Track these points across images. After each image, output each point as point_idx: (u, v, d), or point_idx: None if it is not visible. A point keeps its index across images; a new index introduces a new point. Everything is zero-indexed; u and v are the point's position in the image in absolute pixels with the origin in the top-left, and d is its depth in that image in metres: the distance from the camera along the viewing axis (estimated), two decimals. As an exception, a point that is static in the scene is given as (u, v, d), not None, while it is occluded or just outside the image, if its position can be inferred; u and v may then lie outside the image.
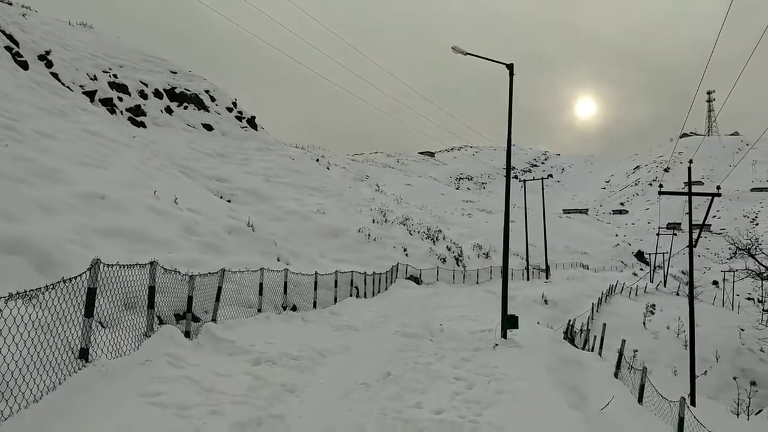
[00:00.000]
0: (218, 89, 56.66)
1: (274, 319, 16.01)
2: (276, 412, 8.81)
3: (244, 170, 42.73)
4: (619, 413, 12.14)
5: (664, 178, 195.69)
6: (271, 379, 10.28)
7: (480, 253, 58.46)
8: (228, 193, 35.94)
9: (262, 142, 53.25)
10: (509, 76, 19.49)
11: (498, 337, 17.17)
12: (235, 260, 19.20)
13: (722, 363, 31.69)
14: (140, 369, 9.03)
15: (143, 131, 41.12)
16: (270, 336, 13.61)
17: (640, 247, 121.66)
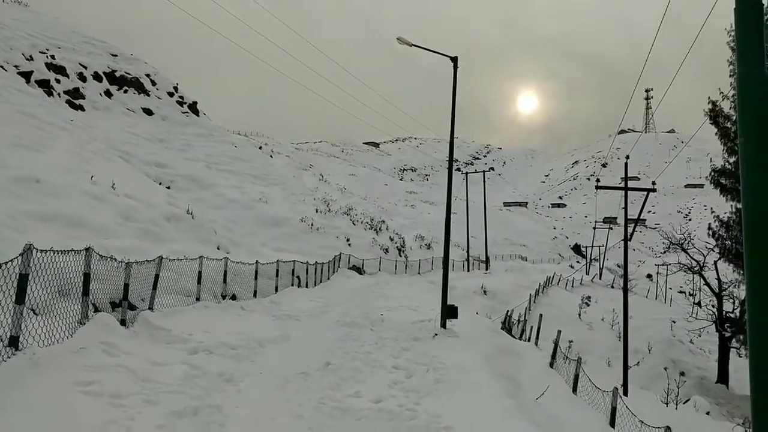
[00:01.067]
0: (159, 73, 55.44)
1: (212, 308, 15.83)
2: (213, 402, 8.74)
3: (184, 156, 42.02)
4: (554, 402, 12.42)
5: (602, 173, 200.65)
6: (208, 369, 10.18)
7: (422, 244, 58.90)
8: (167, 180, 35.30)
9: (204, 128, 52.39)
10: (453, 69, 19.62)
11: (438, 327, 17.34)
12: (174, 248, 18.88)
13: (654, 354, 32.72)
14: (73, 357, 8.83)
15: (82, 114, 39.97)
16: (208, 325, 13.46)
17: (577, 240, 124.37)
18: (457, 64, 19.55)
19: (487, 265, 61.12)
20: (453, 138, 19.85)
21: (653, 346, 33.40)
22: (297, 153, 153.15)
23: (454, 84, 19.63)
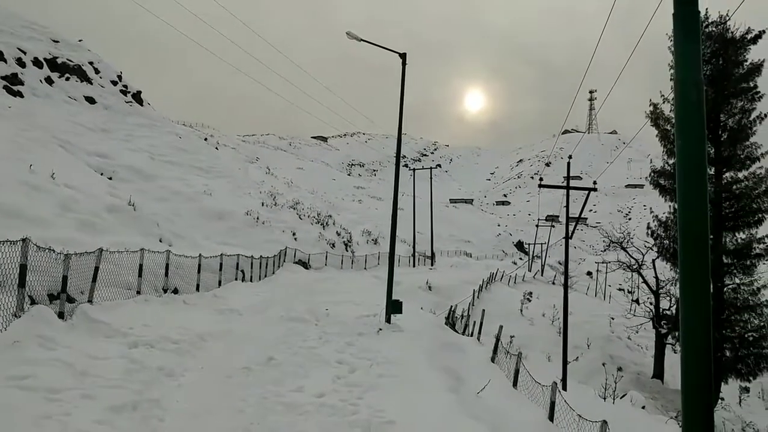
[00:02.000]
0: (103, 61, 54.08)
1: (153, 302, 15.58)
2: (153, 396, 8.63)
3: (127, 147, 41.09)
4: (495, 397, 12.59)
5: (545, 172, 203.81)
6: (148, 363, 10.04)
7: (369, 239, 58.94)
8: (109, 170, 34.47)
9: (148, 118, 51.33)
10: (402, 66, 19.68)
11: (382, 322, 17.40)
12: (115, 240, 18.52)
13: (593, 349, 33.46)
14: (8, 351, 8.60)
15: (20, 101, 38.70)
16: (149, 319, 13.25)
17: (521, 237, 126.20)
18: (405, 61, 19.61)
19: (432, 260, 61.55)
20: (401, 134, 19.92)
21: (592, 342, 34.15)
22: (243, 145, 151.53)
23: (402, 80, 19.68)
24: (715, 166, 30.59)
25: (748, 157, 30.51)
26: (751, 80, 30.85)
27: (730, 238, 30.71)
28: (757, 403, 35.83)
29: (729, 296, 30.31)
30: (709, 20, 31.34)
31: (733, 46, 30.71)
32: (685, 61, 4.67)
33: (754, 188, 30.13)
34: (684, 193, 4.50)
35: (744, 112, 30.88)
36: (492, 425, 10.13)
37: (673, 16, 4.73)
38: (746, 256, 30.22)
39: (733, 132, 30.60)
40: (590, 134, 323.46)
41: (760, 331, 29.86)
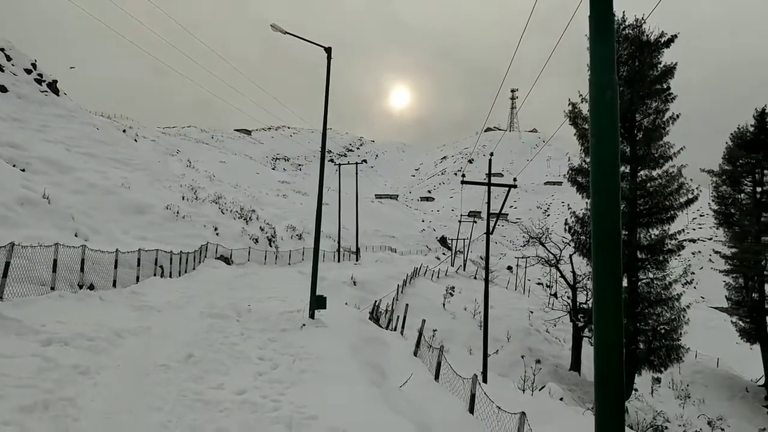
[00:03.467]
0: (15, 48, 51.85)
1: (68, 298, 15.07)
2: (66, 395, 8.35)
3: (41, 138, 39.53)
4: (417, 390, 12.72)
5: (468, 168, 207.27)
6: (62, 361, 9.69)
7: (293, 234, 58.53)
8: (22, 162, 33.07)
9: (64, 108, 49.51)
10: (327, 60, 19.60)
11: (306, 318, 17.31)
12: (28, 234, 17.82)
13: (513, 342, 34.19)
14: None
15: None
16: (63, 315, 12.80)
17: (444, 232, 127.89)
18: (330, 55, 19.54)
19: (357, 256, 61.67)
20: (326, 129, 19.84)
21: (512, 335, 34.89)
22: (164, 137, 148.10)
23: (327, 74, 19.61)
24: (631, 165, 31.67)
25: (662, 156, 31.72)
26: (664, 82, 32.08)
27: (644, 234, 31.85)
28: (668, 393, 37.39)
29: (643, 290, 31.45)
30: (626, 23, 32.39)
31: (648, 48, 31.84)
32: (600, 61, 4.81)
33: (667, 186, 31.33)
34: (597, 190, 4.64)
35: (658, 113, 32.10)
36: (414, 418, 10.23)
37: (589, 19, 4.86)
38: (659, 252, 31.42)
39: (647, 131, 31.75)
40: (511, 132, 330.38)
41: (671, 324, 31.12)
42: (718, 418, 34.27)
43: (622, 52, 31.59)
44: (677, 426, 30.58)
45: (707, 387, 40.52)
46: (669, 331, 31.02)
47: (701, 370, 44.15)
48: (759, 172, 43.54)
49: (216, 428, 8.25)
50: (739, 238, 44.15)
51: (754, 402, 40.19)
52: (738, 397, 40.36)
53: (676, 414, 33.16)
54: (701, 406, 36.27)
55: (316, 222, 19.49)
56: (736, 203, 44.76)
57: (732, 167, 44.70)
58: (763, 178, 43.45)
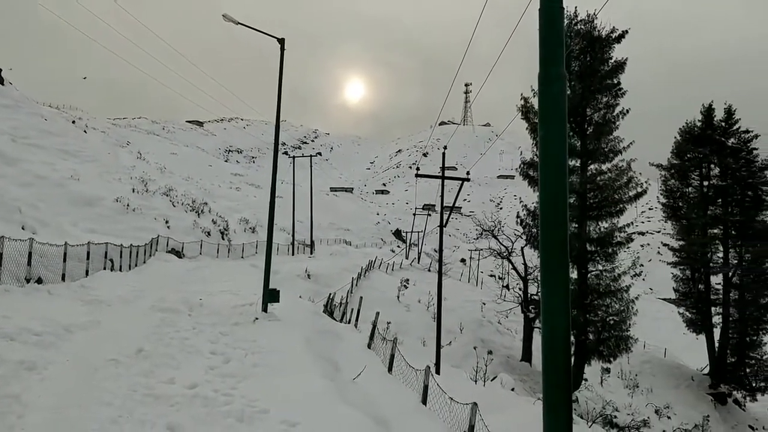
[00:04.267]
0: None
1: (15, 292, 14.72)
2: (12, 392, 8.17)
3: (-16, 128, 38.44)
4: (370, 382, 12.77)
5: (423, 162, 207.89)
6: (7, 356, 9.47)
7: (247, 227, 58.06)
8: (-35, 153, 32.16)
9: (10, 98, 48.13)
10: (280, 51, 19.46)
11: (259, 311, 17.21)
12: (-30, 227, 17.31)
13: (466, 334, 34.49)
14: None
15: None
16: (9, 310, 12.48)
17: (399, 225, 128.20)
18: (284, 46, 19.40)
19: (312, 249, 61.45)
20: (279, 120, 19.72)
21: (465, 327, 35.19)
22: (114, 129, 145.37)
23: (280, 66, 19.48)
24: (581, 158, 32.17)
25: (612, 150, 32.27)
26: (615, 77, 32.62)
27: (593, 227, 32.41)
28: (617, 382, 38.20)
29: (593, 282, 32.03)
30: (578, 18, 32.83)
31: (600, 44, 32.34)
32: (549, 55, 4.87)
33: (617, 180, 31.91)
34: (545, 183, 4.70)
35: (608, 107, 32.64)
36: (367, 410, 10.27)
37: (539, 12, 4.92)
38: (608, 244, 32.01)
39: (598, 126, 32.26)
40: (465, 126, 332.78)
41: (620, 315, 31.76)
42: (665, 407, 35.19)
43: (574, 47, 32.01)
44: (626, 415, 31.28)
45: (655, 376, 41.51)
46: (618, 322, 31.65)
47: (649, 359, 45.18)
48: (706, 166, 44.65)
49: (167, 423, 8.17)
50: (686, 230, 45.23)
51: (699, 390, 41.36)
52: (684, 386, 41.47)
53: (625, 403, 33.91)
54: (649, 395, 37.16)
55: (269, 215, 19.37)
56: (684, 197, 45.83)
57: (680, 161, 45.73)
58: (710, 172, 44.58)
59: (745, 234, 42.50)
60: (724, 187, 43.34)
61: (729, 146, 43.77)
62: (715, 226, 43.57)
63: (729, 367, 41.96)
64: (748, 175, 42.96)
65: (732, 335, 42.28)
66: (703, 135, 44.33)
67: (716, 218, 43.24)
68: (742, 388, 41.58)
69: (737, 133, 43.92)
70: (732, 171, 43.31)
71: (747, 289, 42.40)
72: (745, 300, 42.12)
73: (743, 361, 41.49)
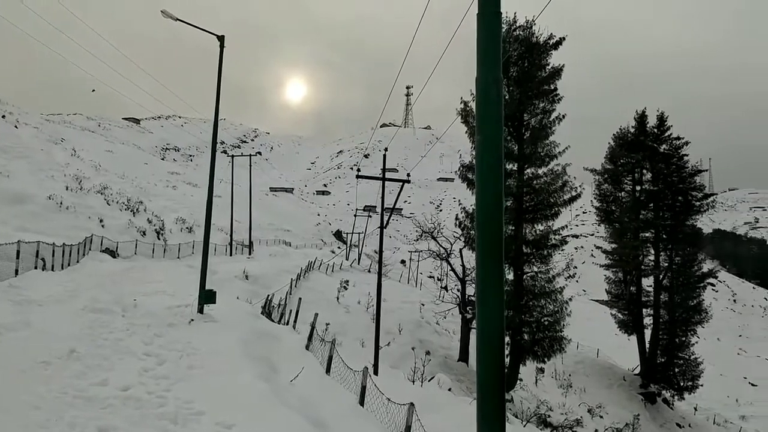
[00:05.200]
0: None
1: (-63, 293, 14.16)
2: (-67, 396, 7.86)
3: None
4: (308, 384, 12.73)
5: (364, 163, 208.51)
6: (-72, 360, 9.12)
7: (183, 227, 57.08)
8: None
9: (-66, 90, 46.33)
10: (220, 48, 19.27)
11: (195, 313, 16.99)
12: None
13: (404, 335, 34.68)
14: None
15: None
16: (-69, 311, 12.02)
17: (339, 226, 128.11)
18: (223, 44, 19.23)
19: (250, 249, 60.82)
20: (217, 119, 19.49)
21: (404, 328, 35.39)
22: (47, 125, 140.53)
23: (220, 63, 19.29)
24: (518, 162, 32.71)
25: (548, 155, 32.91)
26: (552, 83, 33.28)
27: (529, 229, 33.00)
28: (551, 382, 39.01)
29: (528, 283, 32.60)
30: (517, 24, 33.37)
31: (538, 50, 32.94)
32: (486, 59, 4.95)
33: (552, 184, 32.56)
34: (482, 186, 4.79)
35: (545, 113, 33.28)
36: (304, 412, 10.25)
37: (477, 16, 5.00)
38: (543, 246, 32.65)
39: (534, 131, 32.87)
40: (406, 129, 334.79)
41: (554, 315, 32.42)
42: (597, 406, 36.09)
43: (512, 53, 32.52)
44: (560, 414, 31.97)
45: (588, 376, 42.54)
46: (552, 322, 32.29)
47: (582, 360, 46.26)
48: (638, 171, 45.97)
49: (98, 425, 8.00)
50: (618, 234, 46.43)
51: (630, 390, 42.57)
52: (616, 386, 42.61)
53: (559, 402, 34.66)
54: (582, 395, 38.06)
55: (207, 214, 19.14)
56: (617, 201, 47.07)
57: (613, 166, 46.93)
58: (642, 177, 45.92)
59: (675, 238, 43.94)
60: (656, 191, 44.70)
61: (661, 152, 45.14)
62: (646, 229, 44.88)
63: (659, 367, 43.29)
64: (678, 180, 44.40)
65: (662, 336, 43.62)
66: (636, 141, 45.58)
67: (648, 222, 44.55)
68: (671, 387, 42.98)
69: (669, 139, 45.35)
70: (663, 176, 44.67)
71: (676, 292, 43.83)
72: (674, 302, 43.52)
73: (672, 361, 42.86)
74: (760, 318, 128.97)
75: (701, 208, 44.42)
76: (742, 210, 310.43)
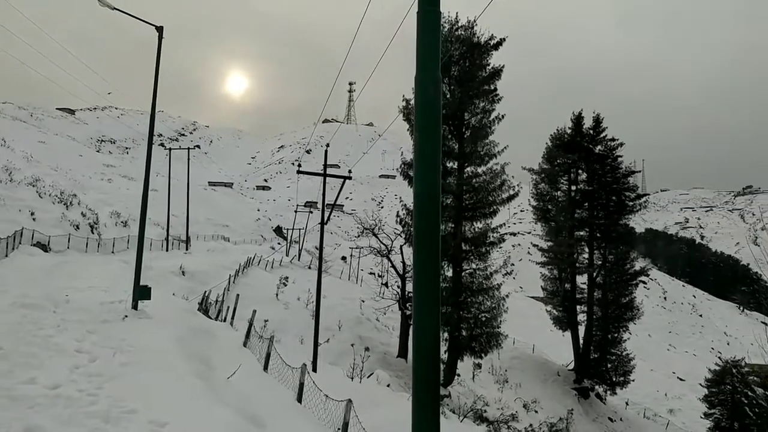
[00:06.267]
0: None
1: None
2: None
3: None
4: (245, 381, 12.60)
5: (306, 158, 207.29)
6: None
7: (118, 221, 55.79)
8: None
9: None
10: (158, 39, 18.89)
11: (129, 309, 16.64)
12: None
13: (344, 331, 34.68)
14: None
15: None
16: None
17: (280, 222, 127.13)
18: (162, 34, 18.86)
19: (188, 245, 59.85)
20: (155, 110, 19.13)
21: (343, 324, 35.38)
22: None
23: (158, 55, 18.92)
24: (458, 161, 33.07)
25: (487, 154, 33.35)
26: (492, 83, 33.72)
27: (468, 227, 33.40)
28: (488, 377, 39.56)
29: (466, 280, 33.00)
30: (459, 24, 33.66)
31: (479, 50, 33.31)
32: (425, 58, 4.97)
33: (491, 182, 33.02)
34: (420, 183, 4.81)
35: (485, 113, 33.70)
36: (240, 409, 10.14)
37: (417, 15, 5.01)
38: (482, 244, 33.10)
39: (475, 130, 33.26)
40: (349, 125, 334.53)
41: (492, 312, 32.91)
42: (532, 401, 36.79)
43: (454, 52, 32.80)
44: (496, 409, 32.45)
45: (524, 372, 43.27)
46: (490, 318, 32.77)
47: (519, 355, 47.03)
48: (574, 171, 46.97)
49: (25, 426, 7.75)
50: (554, 232, 47.41)
51: (565, 385, 43.52)
52: (551, 381, 43.49)
53: (495, 397, 35.16)
54: (518, 390, 38.70)
55: (142, 208, 18.78)
56: (553, 200, 48.03)
57: (550, 166, 47.83)
58: (578, 177, 46.94)
59: (609, 236, 45.07)
60: (591, 191, 45.76)
61: (596, 153, 46.22)
62: (581, 228, 45.93)
63: (592, 363, 44.35)
64: (612, 180, 45.55)
65: (595, 332, 44.69)
66: (572, 142, 46.54)
67: (582, 221, 45.61)
68: (604, 382, 44.09)
69: (604, 140, 46.46)
70: (598, 176, 45.75)
71: (609, 289, 44.97)
72: (607, 299, 44.64)
73: (605, 357, 43.97)
74: (689, 315, 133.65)
75: (634, 207, 45.72)
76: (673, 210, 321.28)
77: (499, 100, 33.95)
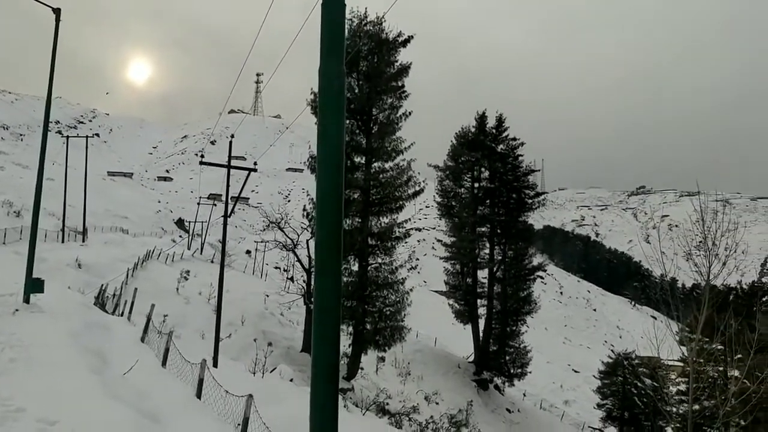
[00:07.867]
0: None
1: None
2: None
3: None
4: (142, 377, 12.29)
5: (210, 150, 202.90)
6: None
7: (10, 211, 53.32)
8: None
9: None
10: (55, 22, 18.12)
11: (20, 302, 15.91)
12: None
13: (247, 326, 34.24)
14: None
15: None
16: None
17: (182, 214, 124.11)
18: (59, 17, 18.09)
19: (84, 236, 57.64)
20: (50, 96, 18.34)
21: (246, 319, 34.94)
22: None
23: (55, 38, 18.18)
24: (366, 156, 33.23)
25: (394, 150, 33.64)
26: (399, 80, 34.05)
27: (375, 221, 33.62)
28: (391, 371, 39.97)
29: (372, 274, 33.22)
30: (368, 19, 33.75)
31: (387, 46, 33.53)
32: (329, 51, 4.96)
33: (398, 178, 33.35)
34: (323, 177, 4.81)
35: (393, 109, 34.01)
36: (136, 405, 9.89)
37: (322, 6, 5.00)
38: (388, 239, 33.39)
39: (382, 126, 33.50)
40: (255, 116, 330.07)
41: (396, 305, 33.27)
42: (434, 393, 37.43)
43: (362, 48, 32.90)
44: (398, 402, 32.83)
45: (426, 364, 43.95)
46: (394, 312, 33.11)
47: (421, 348, 47.72)
48: (477, 169, 48.08)
49: None
50: (457, 228, 48.40)
51: (465, 377, 44.51)
52: (451, 373, 44.37)
53: (398, 390, 35.59)
54: (420, 382, 39.30)
55: (36, 198, 18.01)
56: (457, 196, 49.04)
57: (455, 164, 48.79)
58: (481, 175, 48.09)
59: (509, 233, 46.44)
60: (493, 189, 46.99)
61: (498, 152, 47.47)
62: (483, 224, 47.10)
63: (491, 355, 45.56)
64: (513, 179, 46.94)
65: (494, 326, 45.92)
66: (476, 140, 47.61)
67: (484, 217, 46.79)
68: (502, 374, 45.40)
69: (506, 140, 47.79)
70: (500, 175, 47.02)
71: (509, 284, 46.31)
72: (506, 293, 45.95)
73: (504, 349, 45.25)
74: (583, 309, 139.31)
75: (533, 205, 47.32)
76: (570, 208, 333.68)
77: (407, 97, 34.34)
